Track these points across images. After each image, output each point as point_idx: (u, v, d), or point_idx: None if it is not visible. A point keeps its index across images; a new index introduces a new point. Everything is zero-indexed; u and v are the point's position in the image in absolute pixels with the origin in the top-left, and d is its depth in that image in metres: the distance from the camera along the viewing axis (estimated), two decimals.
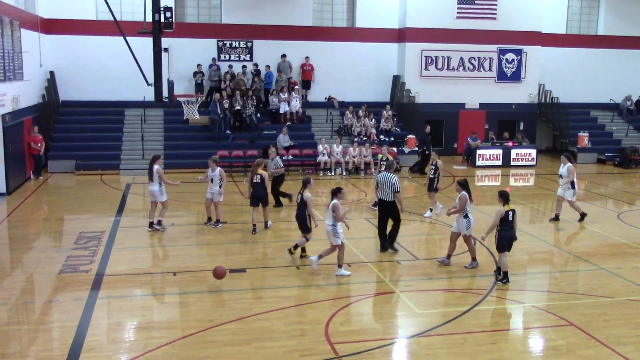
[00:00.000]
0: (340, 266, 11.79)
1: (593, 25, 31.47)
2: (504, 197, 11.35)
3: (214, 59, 26.66)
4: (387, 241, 13.37)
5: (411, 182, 22.36)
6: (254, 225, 14.80)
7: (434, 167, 16.67)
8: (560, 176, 16.18)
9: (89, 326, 9.34)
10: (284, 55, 27.24)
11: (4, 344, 8.74)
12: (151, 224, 14.94)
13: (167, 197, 15.31)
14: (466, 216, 12.06)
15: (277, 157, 17.58)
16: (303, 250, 12.85)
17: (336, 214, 11.55)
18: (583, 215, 16.35)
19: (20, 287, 11.21)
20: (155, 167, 14.84)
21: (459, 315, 9.91)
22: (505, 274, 11.44)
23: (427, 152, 23.31)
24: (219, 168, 15.21)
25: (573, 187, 16.02)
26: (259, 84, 26.49)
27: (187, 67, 26.42)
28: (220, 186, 15.19)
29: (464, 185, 12.24)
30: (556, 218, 16.31)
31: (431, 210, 16.81)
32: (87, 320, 9.53)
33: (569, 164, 16.02)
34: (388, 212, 13.25)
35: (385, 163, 14.98)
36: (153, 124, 25.62)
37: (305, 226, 12.59)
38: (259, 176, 14.75)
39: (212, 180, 15.24)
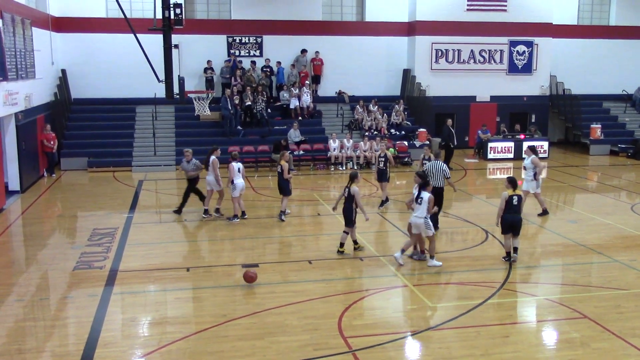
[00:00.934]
0: (432, 257, 11.99)
1: (605, 15, 31.17)
2: (512, 182, 11.87)
3: (232, 54, 26.77)
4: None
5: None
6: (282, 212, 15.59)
7: (383, 159, 16.70)
8: (524, 168, 15.88)
9: (104, 322, 9.42)
10: (304, 50, 27.20)
11: (21, 340, 8.84)
12: (206, 211, 15.68)
13: (223, 187, 15.78)
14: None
15: (195, 159, 16.32)
16: (341, 245, 12.80)
17: (430, 205, 11.81)
18: (545, 212, 15.88)
19: (35, 283, 11.32)
20: (212, 157, 15.49)
21: (472, 308, 9.90)
22: (508, 254, 12.11)
23: (451, 146, 23.20)
24: (233, 163, 15.29)
25: (536, 179, 15.69)
26: (265, 79, 26.49)
27: (198, 64, 26.47)
28: (232, 181, 15.24)
29: (423, 177, 12.27)
30: (544, 212, 15.91)
31: (383, 202, 16.72)
32: (102, 316, 9.62)
33: (533, 156, 15.72)
34: (436, 197, 13.53)
35: (383, 159, 16.61)
36: (164, 120, 25.71)
37: (350, 220, 12.65)
38: (279, 166, 15.36)
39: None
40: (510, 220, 11.81)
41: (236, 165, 15.27)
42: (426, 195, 11.80)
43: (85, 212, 17.03)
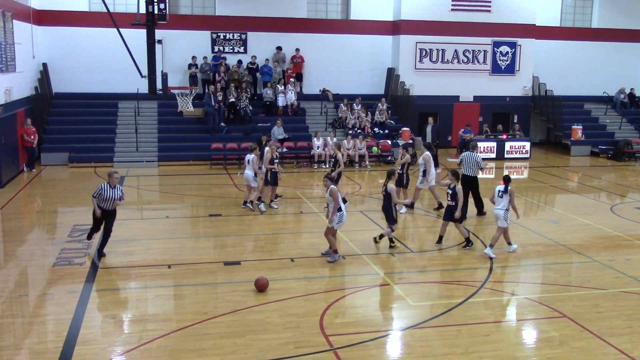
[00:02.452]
0: (491, 246, 12.51)
1: (587, 18, 31.49)
2: (454, 174, 13.13)
3: (219, 51, 26.70)
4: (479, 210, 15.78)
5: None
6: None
7: (333, 160, 16.84)
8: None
9: (84, 319, 9.34)
10: (279, 47, 27.18)
11: None
12: (245, 203, 16.31)
13: (258, 184, 16.26)
14: (340, 209, 12.00)
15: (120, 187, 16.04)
16: (391, 241, 12.98)
17: (511, 199, 12.44)
18: (412, 204, 16.50)
19: (14, 279, 11.18)
20: (252, 155, 15.96)
21: (453, 307, 9.96)
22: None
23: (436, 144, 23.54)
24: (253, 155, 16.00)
25: (424, 175, 16.30)
26: (248, 76, 26.40)
27: (181, 59, 26.30)
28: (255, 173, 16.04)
29: (332, 179, 12.45)
30: (439, 206, 16.29)
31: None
32: (81, 313, 9.53)
33: (426, 152, 16.50)
34: (470, 186, 15.27)
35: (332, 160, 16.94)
36: (147, 116, 25.52)
37: (391, 217, 12.82)
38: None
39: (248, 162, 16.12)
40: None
41: (247, 157, 16.06)
42: (510, 189, 12.40)
43: (65, 208, 16.86)
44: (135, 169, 22.37)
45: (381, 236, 13.09)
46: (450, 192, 13.01)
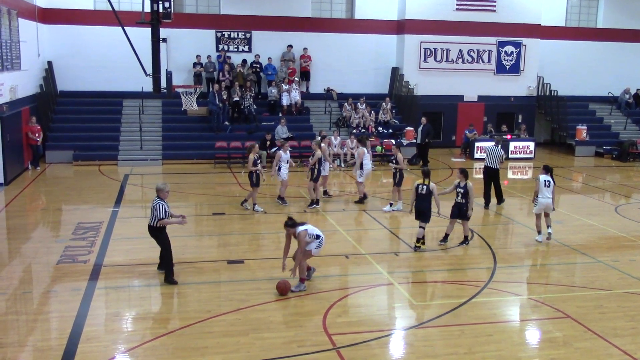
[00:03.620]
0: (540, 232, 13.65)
1: (592, 18, 31.40)
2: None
3: (222, 50, 26.68)
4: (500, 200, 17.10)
5: (409, 175, 22.33)
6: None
7: (312, 157, 16.69)
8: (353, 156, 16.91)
9: (87, 316, 9.36)
10: (290, 46, 27.17)
11: (2, 334, 8.75)
12: (280, 197, 16.83)
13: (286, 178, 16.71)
14: (318, 237, 10.63)
15: None
16: (417, 240, 13.02)
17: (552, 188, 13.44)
18: (362, 199, 17.00)
19: (18, 277, 11.22)
20: (280, 151, 16.62)
21: (457, 307, 9.95)
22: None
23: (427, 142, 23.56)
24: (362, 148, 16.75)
25: (362, 168, 16.84)
26: (252, 75, 26.41)
27: (186, 58, 26.33)
28: (279, 168, 16.42)
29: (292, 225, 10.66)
30: (360, 200, 17.01)
31: (313, 202, 16.53)
32: (85, 311, 9.55)
33: (360, 147, 17.07)
34: (491, 177, 16.88)
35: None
36: (151, 114, 25.56)
37: (429, 217, 12.88)
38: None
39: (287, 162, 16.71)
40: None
41: (283, 155, 16.57)
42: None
43: (69, 206, 16.90)
44: (139, 167, 22.41)
45: (418, 240, 12.97)
46: (461, 190, 12.97)
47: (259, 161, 16.04)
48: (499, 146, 17.06)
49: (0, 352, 8.21)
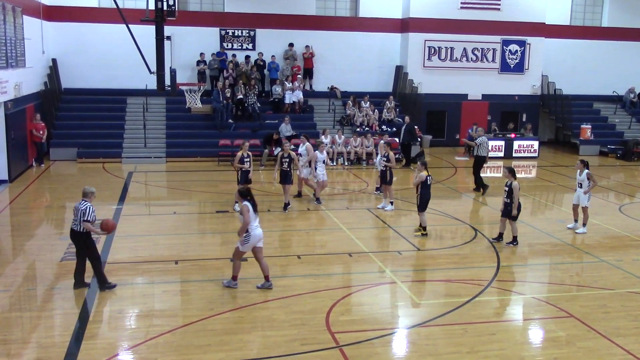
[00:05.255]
0: (583, 225, 14.40)
1: (597, 16, 31.30)
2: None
3: (222, 47, 26.72)
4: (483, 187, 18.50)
5: (413, 172, 22.31)
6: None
7: (287, 159, 15.99)
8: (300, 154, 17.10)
9: (91, 313, 9.39)
10: (291, 44, 27.17)
11: (6, 331, 8.78)
12: (317, 199, 16.78)
13: (324, 179, 16.92)
14: (247, 230, 10.41)
15: None
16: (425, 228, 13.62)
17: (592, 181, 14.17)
18: (299, 194, 17.21)
19: (22, 274, 11.25)
20: (316, 152, 16.79)
21: (460, 305, 9.94)
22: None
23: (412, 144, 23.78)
24: (307, 143, 16.66)
25: (309, 165, 16.88)
26: (257, 73, 26.43)
27: (190, 56, 26.35)
28: (316, 168, 16.58)
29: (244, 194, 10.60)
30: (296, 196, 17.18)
31: (286, 205, 16.16)
32: (88, 308, 9.58)
33: (307, 143, 17.03)
34: (480, 165, 18.84)
35: (287, 160, 15.97)
36: (155, 112, 25.58)
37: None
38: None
39: (301, 155, 16.85)
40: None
41: (320, 155, 16.76)
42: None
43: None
44: (143, 164, 22.45)
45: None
46: (506, 189, 13.06)
47: (247, 159, 15.74)
48: (485, 137, 19.33)
49: (4, 349, 8.24)
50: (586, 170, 14.54)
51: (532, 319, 9.69)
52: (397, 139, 24.85)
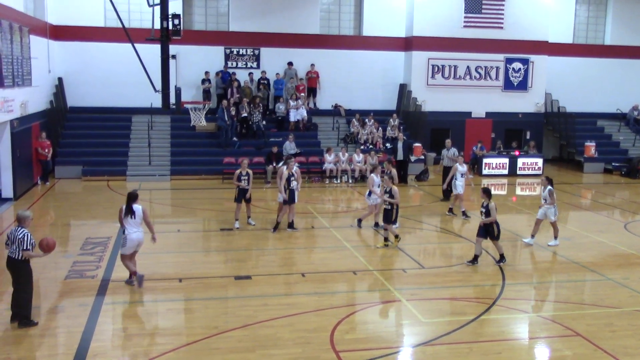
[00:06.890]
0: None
1: (600, 34, 31.43)
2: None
3: (225, 66, 26.92)
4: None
5: (417, 191, 22.32)
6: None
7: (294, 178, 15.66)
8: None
9: (95, 332, 9.35)
10: (290, 63, 27.34)
11: (10, 349, 8.76)
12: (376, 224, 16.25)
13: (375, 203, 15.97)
14: (124, 232, 11.03)
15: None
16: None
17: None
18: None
19: None
20: (372, 175, 15.97)
21: (465, 324, 9.87)
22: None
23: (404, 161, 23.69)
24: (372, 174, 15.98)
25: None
26: (262, 92, 26.58)
27: (195, 74, 26.53)
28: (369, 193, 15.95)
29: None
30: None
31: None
32: (92, 326, 9.54)
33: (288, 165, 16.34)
34: (446, 175, 19.09)
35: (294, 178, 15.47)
36: (160, 130, 25.70)
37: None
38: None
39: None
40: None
41: (376, 179, 15.70)
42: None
43: (78, 221, 16.95)
44: (147, 182, 22.49)
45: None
46: (484, 210, 12.95)
47: (244, 177, 15.73)
48: (454, 148, 20.70)
49: None
50: (549, 187, 14.65)
51: (538, 338, 9.61)
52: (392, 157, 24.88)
